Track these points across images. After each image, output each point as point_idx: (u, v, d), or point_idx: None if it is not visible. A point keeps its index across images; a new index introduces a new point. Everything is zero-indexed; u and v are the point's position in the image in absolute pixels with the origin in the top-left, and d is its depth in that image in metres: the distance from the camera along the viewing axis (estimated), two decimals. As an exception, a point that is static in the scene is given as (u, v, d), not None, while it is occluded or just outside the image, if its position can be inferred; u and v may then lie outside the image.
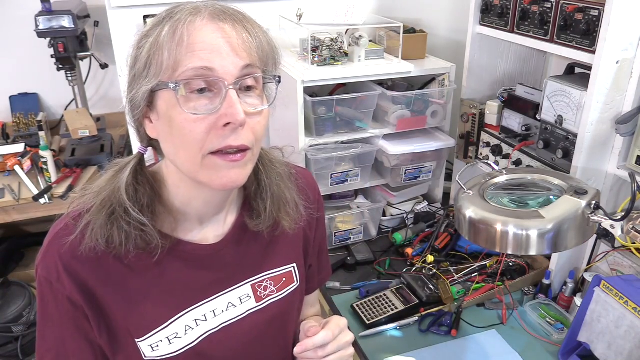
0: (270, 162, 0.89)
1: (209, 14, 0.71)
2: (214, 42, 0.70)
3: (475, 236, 1.02)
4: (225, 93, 0.70)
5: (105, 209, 0.77)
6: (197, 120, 0.70)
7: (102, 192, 0.78)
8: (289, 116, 1.62)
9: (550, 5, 1.30)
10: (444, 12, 2.03)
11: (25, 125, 2.19)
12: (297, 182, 0.94)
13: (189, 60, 0.69)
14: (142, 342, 0.83)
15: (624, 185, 1.33)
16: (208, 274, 0.87)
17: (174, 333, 0.85)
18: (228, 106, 0.70)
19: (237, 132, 0.72)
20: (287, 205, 0.89)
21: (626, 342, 1.08)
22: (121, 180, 0.78)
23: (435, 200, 1.89)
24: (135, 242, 0.77)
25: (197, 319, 0.86)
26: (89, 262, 0.78)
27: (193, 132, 0.71)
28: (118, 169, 0.80)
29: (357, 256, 1.63)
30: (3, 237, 2.37)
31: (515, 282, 1.44)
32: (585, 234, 0.99)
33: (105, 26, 1.70)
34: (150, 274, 0.83)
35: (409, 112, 1.67)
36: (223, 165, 0.73)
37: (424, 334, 1.32)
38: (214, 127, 0.71)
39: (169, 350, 0.84)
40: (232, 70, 0.70)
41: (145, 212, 0.78)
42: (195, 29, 0.69)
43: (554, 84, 1.34)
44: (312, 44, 1.62)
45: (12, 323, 1.95)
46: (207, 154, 0.72)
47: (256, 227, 0.89)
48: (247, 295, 0.91)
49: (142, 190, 0.79)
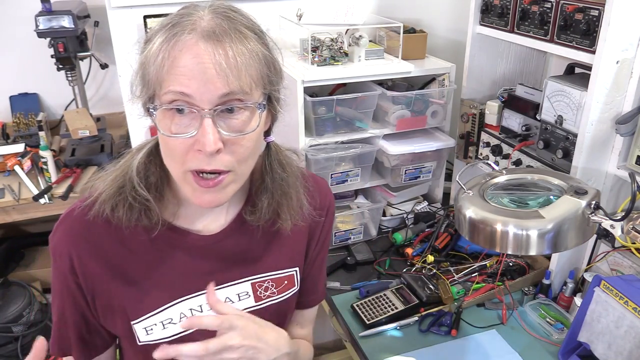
0: (279, 163, 0.89)
1: (201, 33, 0.69)
2: (194, 67, 0.68)
3: (475, 236, 1.02)
4: (201, 121, 0.70)
5: (117, 182, 0.81)
6: (175, 140, 0.73)
7: (117, 170, 0.83)
8: (289, 116, 1.61)
9: (550, 5, 1.30)
10: (444, 12, 2.03)
11: (25, 125, 2.19)
12: (306, 184, 0.93)
13: (169, 83, 0.70)
14: (137, 324, 0.86)
15: (624, 185, 1.33)
16: (207, 264, 0.88)
17: (169, 318, 0.86)
18: (201, 134, 0.71)
19: (213, 157, 0.72)
20: (289, 204, 0.89)
21: (626, 342, 1.08)
22: (135, 159, 0.82)
23: (435, 200, 1.89)
24: (138, 215, 0.81)
25: (192, 309, 0.87)
26: (94, 232, 0.83)
27: (175, 148, 0.74)
28: (136, 149, 0.84)
29: (357, 256, 1.63)
30: (3, 237, 2.37)
31: (515, 282, 1.44)
32: (585, 234, 0.99)
33: (105, 26, 1.70)
34: (150, 258, 0.86)
35: (409, 112, 1.67)
36: (197, 189, 0.75)
37: (424, 334, 1.32)
38: (191, 148, 0.72)
39: (162, 334, 0.87)
40: (209, 98, 0.70)
41: (152, 191, 0.81)
42: (178, 51, 0.69)
43: (554, 84, 1.34)
44: (312, 44, 1.62)
45: (12, 323, 1.95)
46: (187, 171, 0.75)
47: (254, 222, 0.89)
48: (247, 294, 0.92)
49: (152, 169, 0.82)
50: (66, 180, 1.93)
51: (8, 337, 1.96)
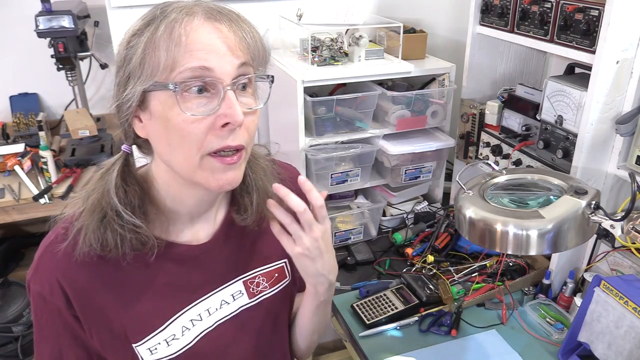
0: (254, 157, 0.90)
1: (203, 14, 0.71)
2: (211, 42, 0.70)
3: (475, 236, 1.02)
4: (224, 94, 0.70)
5: (97, 212, 0.76)
6: (195, 121, 0.70)
7: (90, 196, 0.77)
8: (289, 116, 1.62)
9: (550, 5, 1.30)
10: (444, 12, 2.03)
11: (25, 125, 2.19)
12: (280, 176, 0.94)
13: (187, 60, 0.68)
14: (140, 346, 0.83)
15: (624, 185, 1.33)
16: (200, 274, 0.87)
17: (172, 335, 0.84)
18: (227, 107, 0.70)
19: (235, 133, 0.72)
20: (271, 198, 0.89)
21: (626, 342, 1.08)
22: (109, 183, 0.77)
23: (435, 200, 1.89)
24: (130, 243, 0.77)
25: (192, 319, 0.86)
26: (85, 267, 0.78)
27: (192, 132, 0.71)
28: (104, 170, 0.79)
29: (357, 256, 1.63)
30: (3, 237, 2.37)
31: (515, 282, 1.44)
32: (585, 234, 0.99)
33: (105, 26, 1.70)
34: (144, 277, 0.83)
35: (409, 112, 1.67)
36: (220, 168, 0.74)
37: (424, 334, 1.32)
38: (212, 127, 0.71)
39: (167, 352, 0.84)
40: (229, 70, 0.71)
41: (137, 213, 0.77)
42: (192, 29, 0.69)
43: (554, 84, 1.34)
44: (312, 44, 1.62)
45: (12, 323, 1.95)
46: (205, 155, 0.72)
47: (243, 222, 0.89)
48: (240, 292, 0.91)
49: (132, 192, 0.78)
50: (66, 180, 1.93)
51: (8, 337, 1.96)
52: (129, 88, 0.72)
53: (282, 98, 1.62)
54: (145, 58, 0.70)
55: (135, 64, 0.70)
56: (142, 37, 0.70)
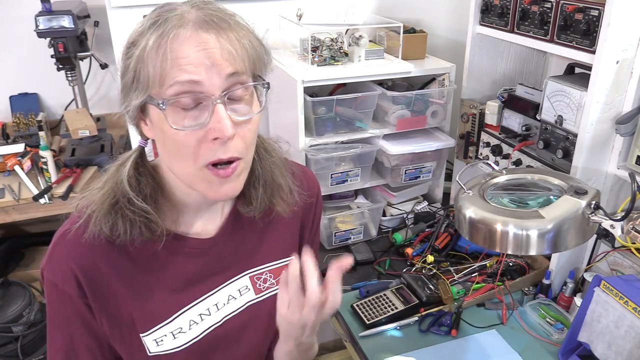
0: (265, 151, 0.90)
1: (193, 25, 0.70)
2: (198, 54, 0.69)
3: (475, 236, 1.02)
4: (213, 108, 0.70)
5: (109, 199, 0.78)
6: (186, 135, 0.71)
7: (105, 186, 0.80)
8: (289, 116, 1.62)
9: (550, 5, 1.30)
10: (444, 12, 2.03)
11: (25, 125, 2.19)
12: (292, 170, 0.94)
13: (175, 74, 0.69)
14: (147, 336, 0.84)
15: (624, 185, 1.33)
16: (209, 267, 0.88)
17: (179, 328, 0.86)
18: (216, 121, 0.70)
19: (226, 145, 0.73)
20: (280, 190, 0.90)
21: (626, 342, 1.08)
22: (123, 173, 0.79)
23: (435, 200, 1.89)
24: (140, 229, 0.78)
25: (201, 314, 0.87)
26: (97, 253, 0.80)
27: (185, 144, 0.72)
28: (120, 162, 0.82)
29: (357, 256, 1.63)
30: (3, 237, 2.36)
31: (515, 282, 1.44)
32: (585, 234, 0.99)
33: (105, 26, 1.70)
34: (154, 268, 0.84)
35: (409, 112, 1.67)
36: (216, 181, 0.75)
37: (424, 334, 1.32)
38: (204, 140, 0.72)
39: (173, 344, 0.86)
40: (217, 82, 0.70)
41: (149, 202, 0.79)
42: (179, 44, 0.69)
43: (554, 84, 1.34)
44: (312, 44, 1.62)
45: (12, 323, 1.95)
46: (203, 167, 0.73)
47: (249, 214, 0.89)
48: (246, 287, 0.92)
49: (144, 181, 0.80)
50: (66, 180, 1.93)
51: (8, 337, 1.95)
52: (128, 100, 0.74)
53: (282, 98, 1.62)
54: (138, 72, 0.71)
55: (130, 78, 0.72)
56: (136, 49, 0.71)
